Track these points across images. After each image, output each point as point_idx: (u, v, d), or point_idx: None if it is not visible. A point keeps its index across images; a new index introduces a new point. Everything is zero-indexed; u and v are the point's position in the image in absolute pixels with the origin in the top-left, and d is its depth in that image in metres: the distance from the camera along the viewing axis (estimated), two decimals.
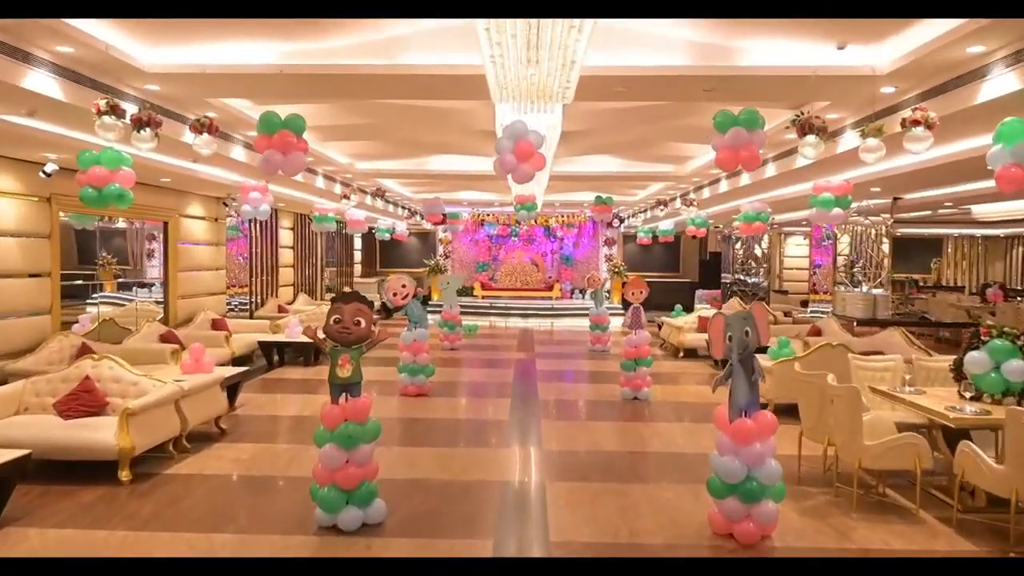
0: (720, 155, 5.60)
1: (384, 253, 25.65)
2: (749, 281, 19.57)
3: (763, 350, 11.88)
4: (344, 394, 4.84)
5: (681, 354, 12.85)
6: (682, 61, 5.99)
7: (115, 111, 5.41)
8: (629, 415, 8.29)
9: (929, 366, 6.64)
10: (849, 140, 7.27)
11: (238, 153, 8.85)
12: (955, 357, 5.69)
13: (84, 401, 6.05)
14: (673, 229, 17.12)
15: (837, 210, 7.46)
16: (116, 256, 11.40)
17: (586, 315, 22.64)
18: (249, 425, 7.64)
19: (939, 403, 5.31)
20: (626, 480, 5.86)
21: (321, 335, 4.94)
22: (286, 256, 16.44)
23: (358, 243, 23.45)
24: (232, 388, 8.29)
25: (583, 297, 24.46)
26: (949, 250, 23.54)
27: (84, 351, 8.23)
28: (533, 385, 10.08)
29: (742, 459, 4.53)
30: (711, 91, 6.37)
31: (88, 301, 10.16)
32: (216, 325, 11.54)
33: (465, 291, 24.57)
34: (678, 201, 15.06)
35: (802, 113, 6.09)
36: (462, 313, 22.56)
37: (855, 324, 11.73)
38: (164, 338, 9.89)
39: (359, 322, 4.81)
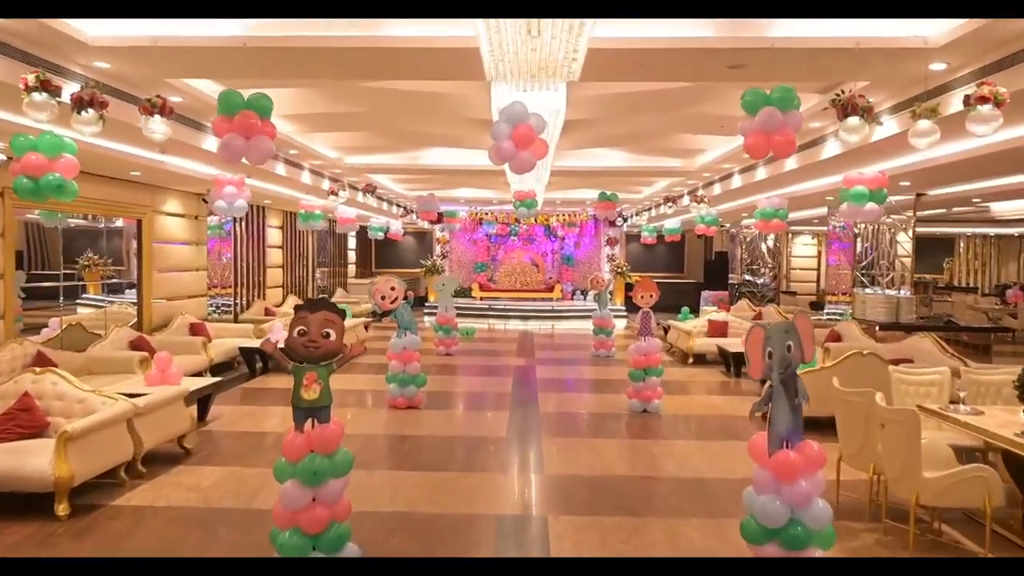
0: (749, 140, 4.85)
1: (380, 253, 24.90)
2: (757, 282, 18.81)
3: None
4: (310, 419, 4.06)
5: (690, 360, 12.10)
6: (705, 32, 5.23)
7: (47, 87, 4.65)
8: (639, 431, 7.54)
9: (980, 379, 5.89)
10: (887, 126, 6.53)
11: (211, 144, 8.10)
12: (1021, 371, 4.93)
13: (21, 421, 5.30)
14: (679, 228, 16.38)
15: (872, 205, 6.70)
16: (112, 256, 10.70)
17: (588, 317, 21.98)
18: (218, 444, 6.89)
19: (1005, 426, 4.57)
20: (640, 513, 5.11)
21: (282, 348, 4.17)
22: (274, 256, 15.69)
23: (352, 243, 22.70)
24: (203, 401, 7.56)
25: (584, 298, 23.72)
26: (961, 249, 22.83)
27: (41, 360, 7.47)
28: (533, 395, 9.33)
29: (784, 499, 3.78)
30: (738, 68, 5.61)
31: (66, 304, 9.43)
32: (195, 330, 10.79)
33: (463, 292, 23.85)
34: (686, 198, 14.32)
35: (842, 92, 5.34)
36: (459, 315, 21.87)
37: (877, 329, 11.00)
38: (135, 345, 9.13)
39: (328, 334, 4.05)
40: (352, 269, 22.76)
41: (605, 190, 12.61)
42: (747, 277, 18.83)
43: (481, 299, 22.61)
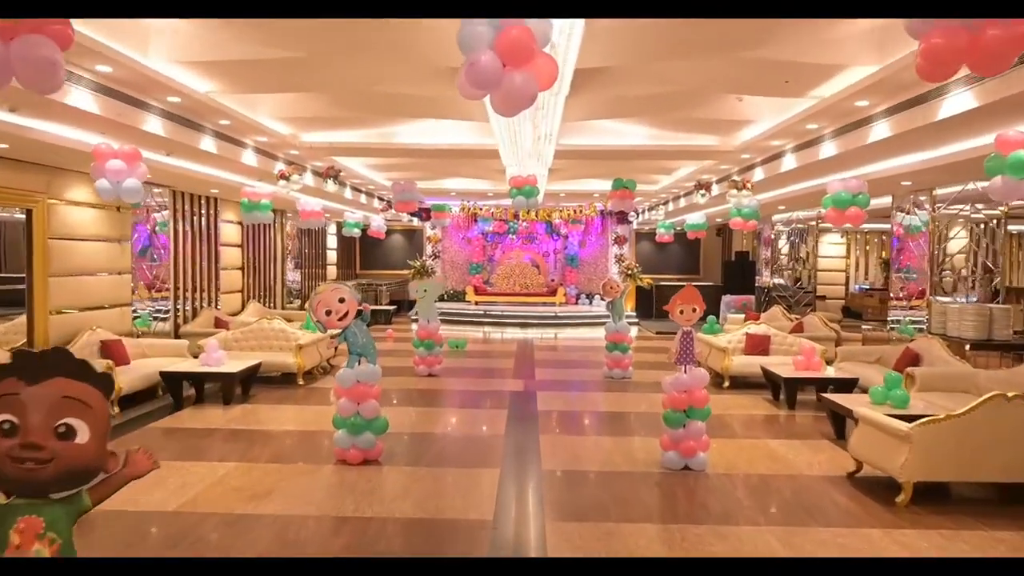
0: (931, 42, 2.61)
1: (364, 253, 22.68)
2: (788, 286, 16.52)
3: (846, 386, 8.91)
4: None
5: (726, 383, 9.84)
6: None
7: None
8: (684, 507, 5.28)
9: None
10: None
11: (83, 100, 5.86)
12: None
13: None
14: (705, 223, 14.05)
15: None
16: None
17: (594, 324, 19.74)
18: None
19: None
20: None
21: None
22: (231, 256, 13.43)
23: (332, 241, 20.44)
24: None
25: (590, 302, 21.48)
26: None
27: None
28: (534, 440, 7.07)
29: None
30: None
31: None
32: (107, 349, 8.56)
33: (456, 296, 21.63)
34: (716, 187, 12.06)
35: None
36: (451, 323, 19.67)
37: (967, 348, 8.75)
38: None
39: (67, 431, 1.79)
40: (332, 271, 20.50)
41: (620, 177, 10.36)
42: (777, 280, 16.51)
43: (476, 304, 20.39)
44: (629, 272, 19.66)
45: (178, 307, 11.27)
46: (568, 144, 9.76)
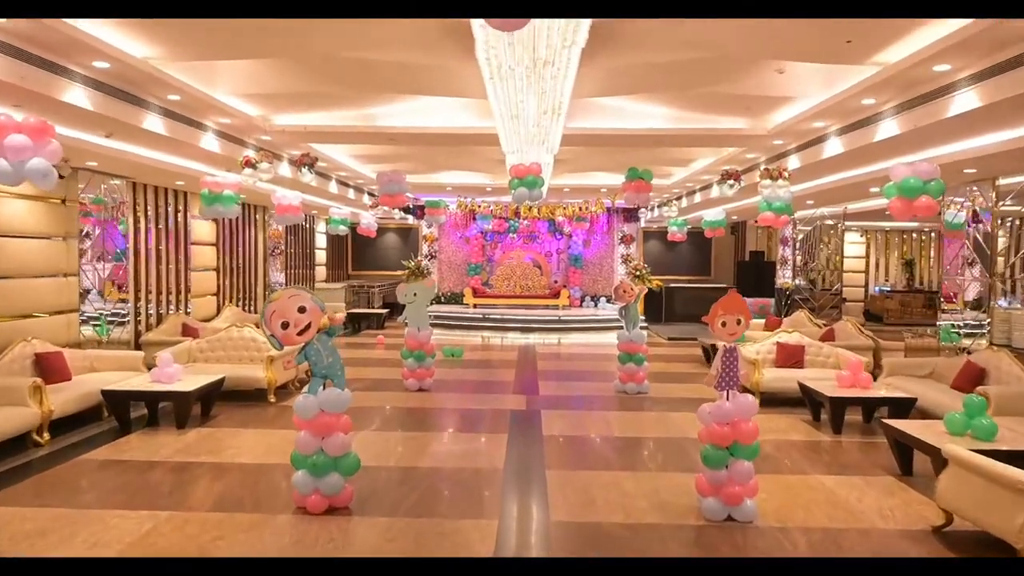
0: None
1: (357, 252, 21.48)
2: (809, 288, 15.31)
3: (902, 408, 7.65)
4: None
5: (756, 400, 8.62)
6: None
7: None
8: None
9: None
10: None
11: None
12: None
13: None
14: (724, 219, 12.81)
15: None
16: None
17: (600, 329, 18.53)
18: None
19: None
20: None
21: None
22: (204, 255, 12.24)
23: (322, 240, 19.24)
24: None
25: (595, 305, 20.28)
26: None
27: None
28: (539, 477, 5.87)
29: None
30: None
31: None
32: (43, 363, 7.37)
33: (454, 298, 20.44)
34: (731, 183, 10.84)
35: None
36: (447, 326, 18.46)
37: None
38: None
39: None
40: (321, 271, 19.30)
41: (635, 167, 9.16)
42: (800, 282, 15.28)
43: (475, 307, 19.18)
44: (637, 273, 18.41)
45: (142, 312, 10.06)
46: (576, 128, 8.57)
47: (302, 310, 4.88)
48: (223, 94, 7.36)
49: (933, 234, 21.46)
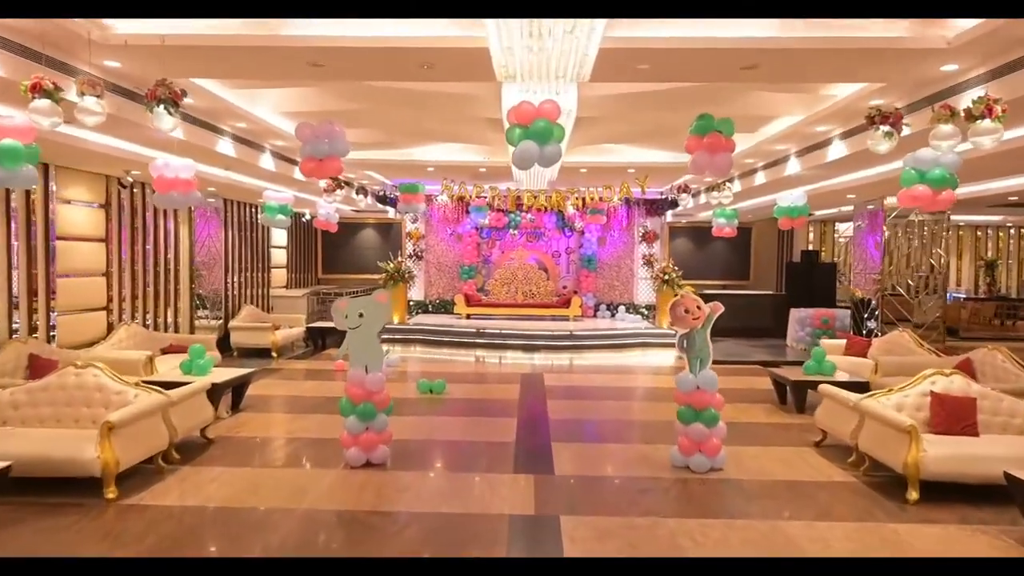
0: None
1: (330, 253, 18.09)
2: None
3: None
4: None
5: (912, 495, 5.22)
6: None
7: None
8: None
9: None
10: None
11: None
12: None
13: None
14: (806, 206, 9.15)
15: None
16: None
17: (620, 346, 14.86)
18: None
19: None
20: None
21: None
22: (84, 255, 8.84)
23: (282, 236, 15.83)
24: None
25: (612, 315, 16.89)
26: None
27: None
28: None
29: None
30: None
31: None
32: None
33: (443, 306, 17.08)
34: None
35: None
36: (433, 343, 15.00)
37: None
38: None
39: None
40: (281, 275, 15.89)
41: (708, 113, 5.74)
42: (892, 289, 11.77)
43: (467, 317, 15.82)
44: (665, 277, 15.07)
45: None
46: (621, 39, 5.12)
47: None
48: None
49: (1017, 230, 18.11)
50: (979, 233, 18.23)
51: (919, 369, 8.63)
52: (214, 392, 7.36)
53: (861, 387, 8.00)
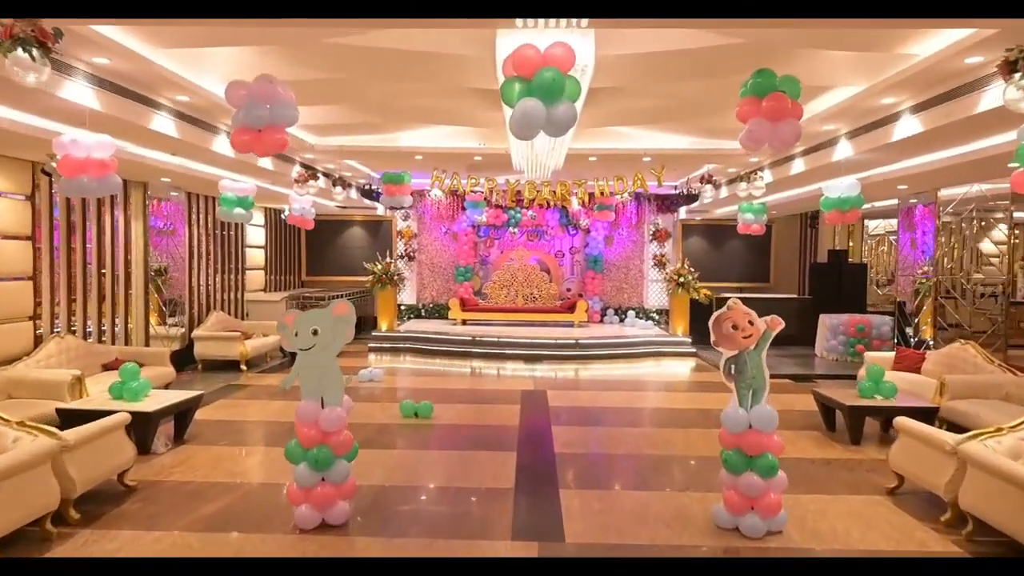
0: None
1: (314, 252, 16.69)
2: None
3: None
4: None
5: None
6: None
7: None
8: None
9: None
10: None
11: None
12: None
13: None
14: (860, 197, 7.70)
15: None
16: None
17: (634, 355, 13.50)
18: None
19: None
20: None
21: None
22: (1, 254, 7.47)
23: (259, 234, 14.46)
24: None
25: (620, 321, 15.54)
26: None
27: None
28: None
29: None
30: None
31: None
32: None
33: (437, 311, 15.75)
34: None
35: None
36: (425, 352, 13.71)
37: None
38: None
39: None
40: (258, 277, 14.51)
41: (768, 69, 4.36)
42: (945, 295, 10.39)
43: (463, 323, 14.47)
44: (680, 279, 13.69)
45: None
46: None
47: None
48: None
49: None
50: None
51: (994, 391, 7.26)
52: (143, 424, 5.99)
53: (927, 413, 6.65)
